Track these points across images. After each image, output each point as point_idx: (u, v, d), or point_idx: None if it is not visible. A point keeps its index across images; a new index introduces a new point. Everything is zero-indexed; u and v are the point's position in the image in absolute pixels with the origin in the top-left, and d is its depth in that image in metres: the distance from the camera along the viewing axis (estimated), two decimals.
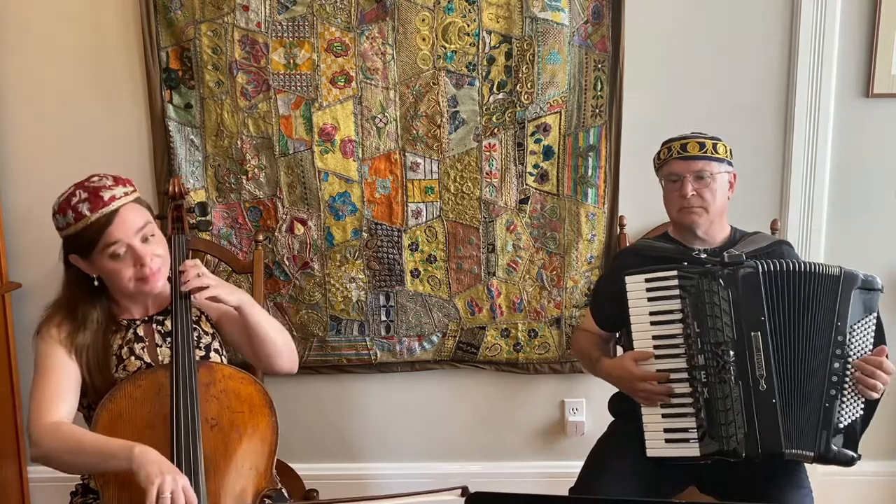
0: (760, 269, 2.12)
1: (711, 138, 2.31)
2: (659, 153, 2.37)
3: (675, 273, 2.16)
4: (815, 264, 2.14)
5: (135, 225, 1.93)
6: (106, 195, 1.91)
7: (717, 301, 2.11)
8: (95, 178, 1.96)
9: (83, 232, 1.91)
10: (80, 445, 1.82)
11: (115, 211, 1.91)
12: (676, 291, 2.15)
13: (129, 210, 1.94)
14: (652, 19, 2.78)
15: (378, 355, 2.99)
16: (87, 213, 1.90)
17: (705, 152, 2.27)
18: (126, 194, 1.95)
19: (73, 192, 1.93)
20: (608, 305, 2.39)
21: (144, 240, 1.95)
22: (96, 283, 2.00)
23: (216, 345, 2.14)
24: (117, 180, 1.97)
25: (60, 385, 1.93)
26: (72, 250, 1.97)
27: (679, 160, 2.29)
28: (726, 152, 2.31)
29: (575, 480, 2.30)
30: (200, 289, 1.99)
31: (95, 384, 1.98)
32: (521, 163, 2.85)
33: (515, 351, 3.00)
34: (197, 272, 2.00)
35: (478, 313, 2.96)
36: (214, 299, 2.02)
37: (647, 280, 2.18)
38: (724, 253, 2.21)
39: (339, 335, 2.98)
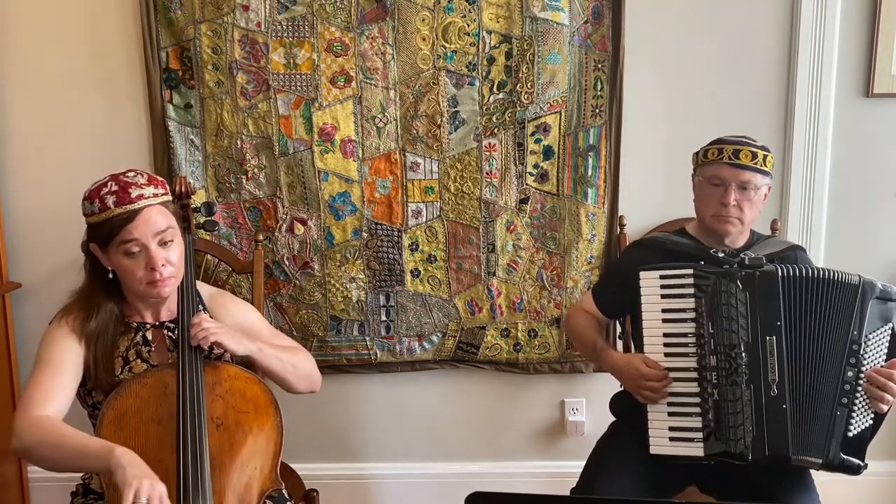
0: (780, 274, 2.08)
1: (762, 148, 2.23)
2: (706, 151, 2.27)
3: (691, 272, 2.13)
4: (833, 271, 2.10)
5: (155, 227, 1.93)
6: (134, 192, 1.92)
7: (734, 303, 2.07)
8: (131, 174, 1.98)
9: (104, 223, 1.92)
10: (60, 440, 1.80)
11: (139, 210, 1.92)
12: (691, 290, 2.12)
13: (153, 211, 1.94)
14: (652, 19, 2.78)
15: (378, 355, 2.99)
16: (111, 207, 1.91)
17: (756, 163, 2.20)
18: (155, 195, 1.96)
19: (106, 183, 1.94)
20: (616, 293, 2.38)
21: (163, 244, 1.95)
22: (111, 275, 2.00)
23: (227, 356, 2.12)
24: (151, 180, 1.98)
25: (56, 380, 1.92)
26: (93, 239, 1.98)
27: (729, 166, 2.21)
28: (771, 165, 2.25)
29: (575, 480, 2.30)
30: (206, 339, 1.97)
31: (99, 376, 1.98)
32: (521, 163, 2.85)
33: (515, 351, 3.00)
34: (203, 326, 1.98)
35: (478, 313, 2.96)
36: (219, 345, 2.00)
37: (662, 277, 2.15)
38: (743, 255, 2.17)
39: (339, 335, 2.97)
